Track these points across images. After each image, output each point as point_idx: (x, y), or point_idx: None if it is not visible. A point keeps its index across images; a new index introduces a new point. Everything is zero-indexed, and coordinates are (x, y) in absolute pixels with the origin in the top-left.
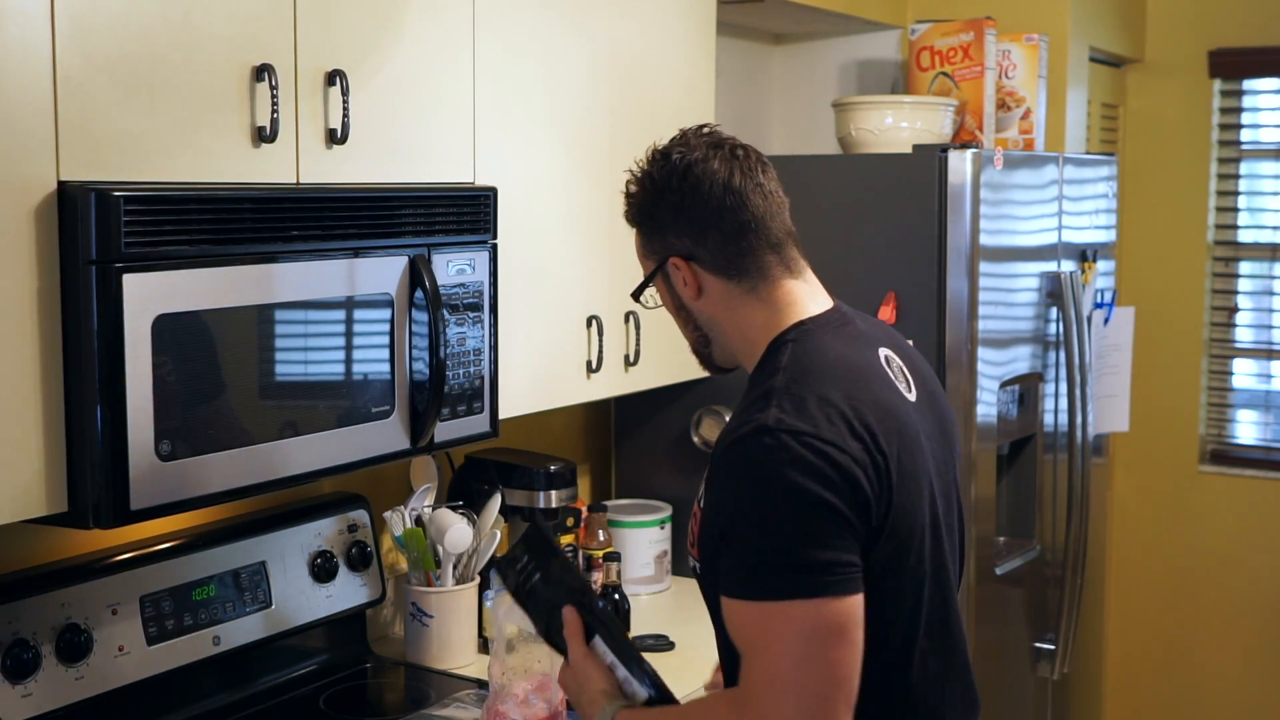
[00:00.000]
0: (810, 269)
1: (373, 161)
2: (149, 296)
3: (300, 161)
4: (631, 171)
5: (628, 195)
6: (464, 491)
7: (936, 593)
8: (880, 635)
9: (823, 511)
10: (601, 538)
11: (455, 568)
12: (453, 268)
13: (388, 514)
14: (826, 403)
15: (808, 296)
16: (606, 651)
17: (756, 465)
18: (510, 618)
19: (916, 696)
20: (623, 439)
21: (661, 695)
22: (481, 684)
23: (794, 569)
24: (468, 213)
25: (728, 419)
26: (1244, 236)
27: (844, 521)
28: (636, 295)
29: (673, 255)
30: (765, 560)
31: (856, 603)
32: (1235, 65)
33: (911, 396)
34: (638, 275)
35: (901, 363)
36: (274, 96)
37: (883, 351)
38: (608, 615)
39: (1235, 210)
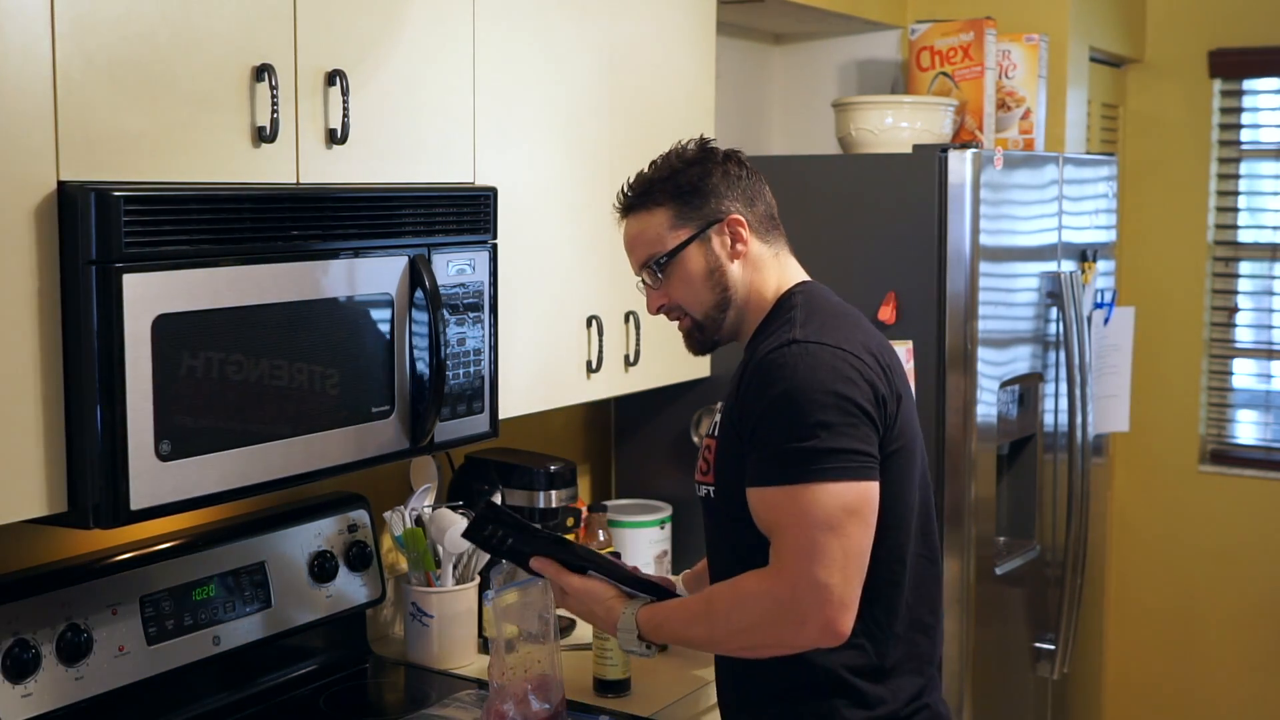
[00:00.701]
0: None
1: (373, 161)
2: (149, 296)
3: (300, 161)
4: (655, 162)
5: (661, 176)
6: (464, 491)
7: (925, 504)
8: (888, 520)
9: (846, 405)
10: (601, 538)
11: (455, 568)
12: (453, 268)
13: (388, 514)
14: (840, 328)
15: (798, 267)
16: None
17: (786, 368)
18: (508, 617)
19: (907, 588)
20: (623, 439)
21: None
22: (481, 684)
23: (819, 455)
24: (468, 213)
25: None
26: (1244, 236)
27: (865, 415)
28: (672, 256)
29: (730, 216)
30: (794, 449)
31: (873, 488)
32: (1235, 65)
33: None
34: (634, 274)
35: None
36: (274, 96)
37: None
38: (590, 551)
39: (1235, 210)
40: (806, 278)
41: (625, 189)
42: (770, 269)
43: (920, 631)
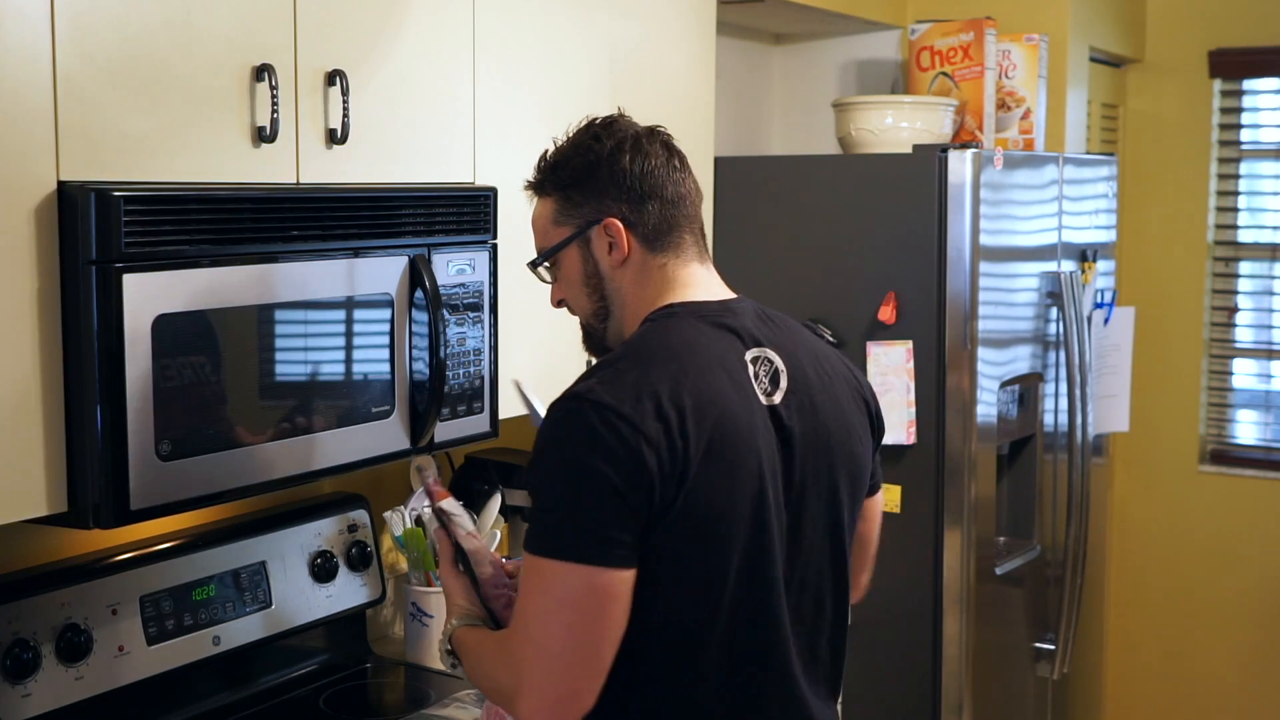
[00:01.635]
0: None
1: (373, 161)
2: (149, 296)
3: (300, 161)
4: (555, 140)
5: (552, 162)
6: (464, 491)
7: (750, 593)
8: (668, 616)
9: (597, 483)
10: None
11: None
12: (453, 268)
13: (388, 514)
14: (643, 382)
15: (704, 283)
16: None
17: (553, 427)
18: None
19: (699, 694)
20: None
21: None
22: None
23: (560, 530)
24: (468, 213)
25: None
26: (1244, 236)
27: (618, 497)
28: (542, 261)
29: (609, 218)
30: (541, 518)
31: (616, 577)
32: (1235, 65)
33: (768, 400)
34: None
35: (782, 366)
36: (274, 96)
37: (752, 351)
38: (461, 549)
39: (1235, 210)
40: (694, 297)
41: (543, 158)
42: (653, 282)
43: None
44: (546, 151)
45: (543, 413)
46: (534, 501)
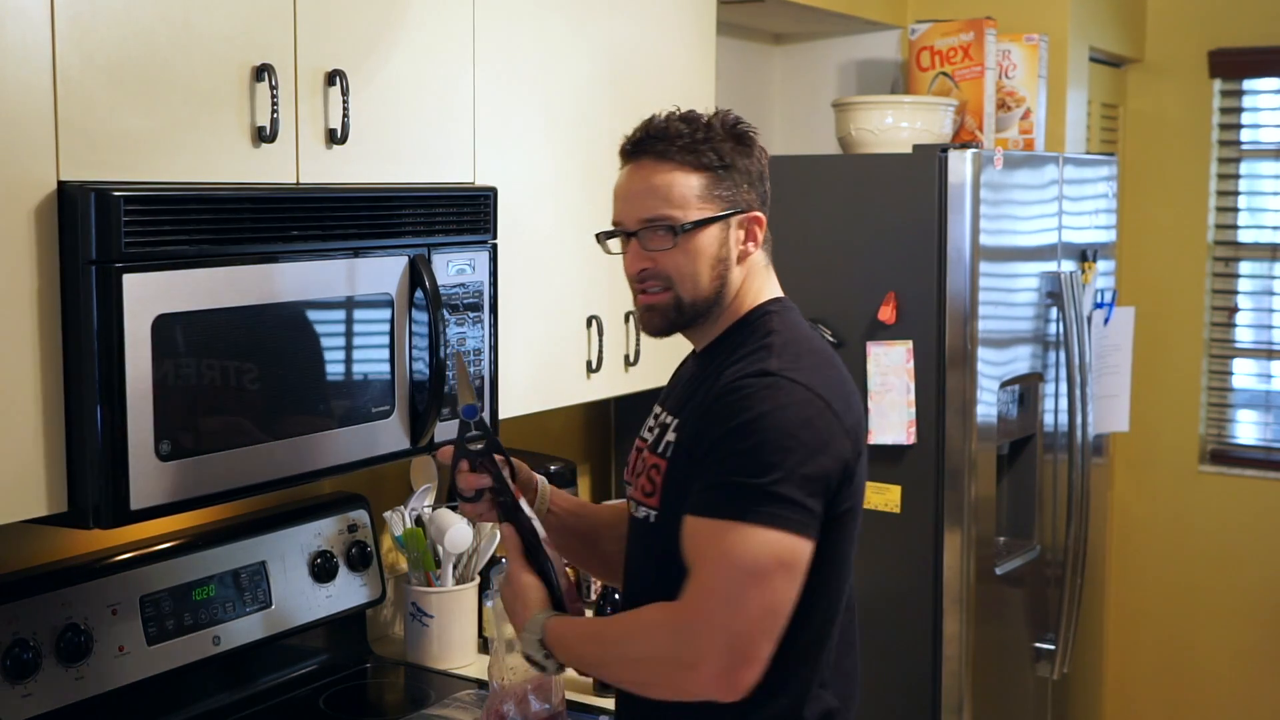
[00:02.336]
0: None
1: (373, 161)
2: (149, 296)
3: (300, 161)
4: (690, 115)
5: (708, 136)
6: None
7: (850, 573)
8: (828, 581)
9: (805, 456)
10: None
11: (455, 568)
12: (453, 268)
13: (388, 514)
14: (819, 367)
15: (776, 283)
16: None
17: (755, 398)
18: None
19: (831, 647)
20: (623, 439)
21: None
22: (481, 684)
23: (765, 498)
24: (468, 213)
25: None
26: (1244, 236)
27: (817, 469)
28: (693, 227)
29: (755, 211)
30: (739, 484)
31: (806, 547)
32: (1235, 65)
33: None
34: None
35: None
36: (274, 96)
37: None
38: (535, 541)
39: (1235, 210)
40: (781, 294)
41: (649, 130)
42: (757, 279)
43: (840, 689)
44: (674, 119)
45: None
46: (727, 467)
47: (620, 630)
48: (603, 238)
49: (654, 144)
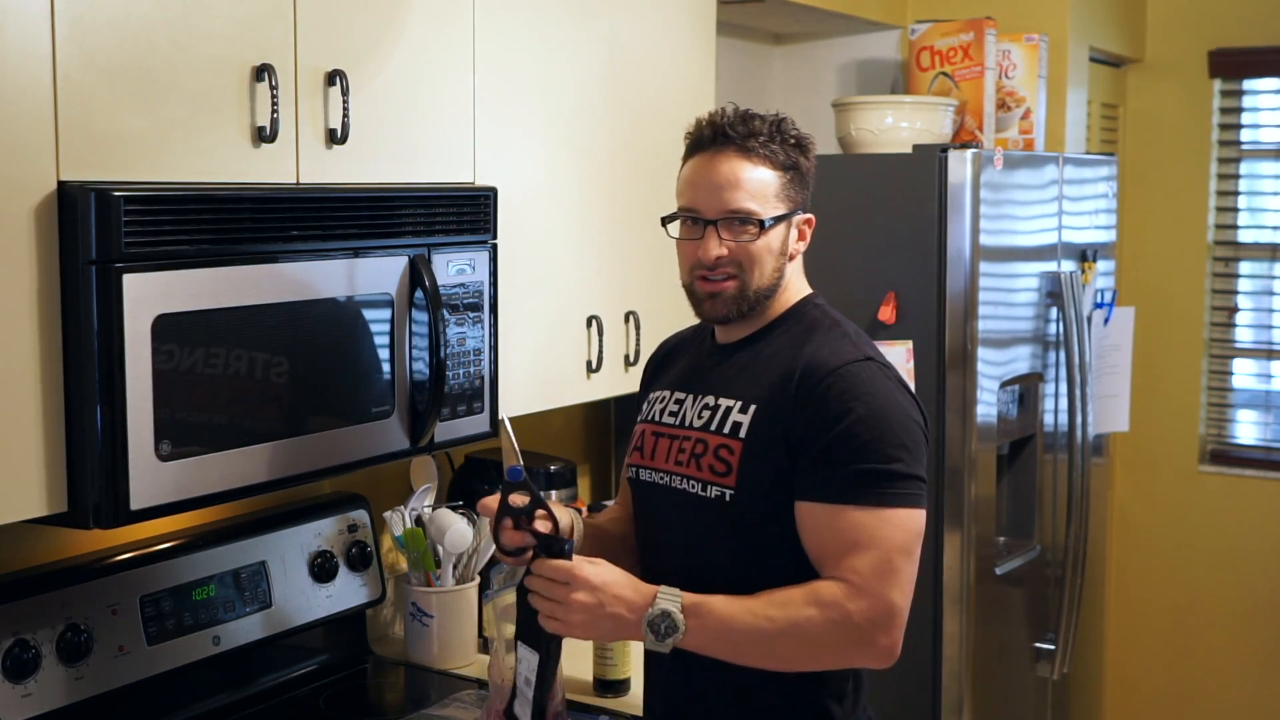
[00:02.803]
0: None
1: (373, 161)
2: (149, 296)
3: (300, 161)
4: (780, 119)
5: (796, 141)
6: (464, 491)
7: None
8: None
9: (918, 434)
10: None
11: (455, 568)
12: (453, 268)
13: (388, 514)
14: (883, 358)
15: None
16: None
17: (869, 384)
18: (508, 617)
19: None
20: (623, 439)
21: None
22: (481, 684)
23: (903, 480)
24: (468, 213)
25: None
26: (1244, 236)
27: (926, 444)
28: (774, 222)
29: (809, 213)
30: (879, 470)
31: (924, 516)
32: (1235, 65)
33: None
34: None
35: None
36: (274, 96)
37: None
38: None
39: (1235, 210)
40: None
41: (729, 122)
42: (798, 275)
43: None
44: (773, 120)
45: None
46: (868, 455)
47: (786, 610)
48: (669, 220)
49: (738, 137)
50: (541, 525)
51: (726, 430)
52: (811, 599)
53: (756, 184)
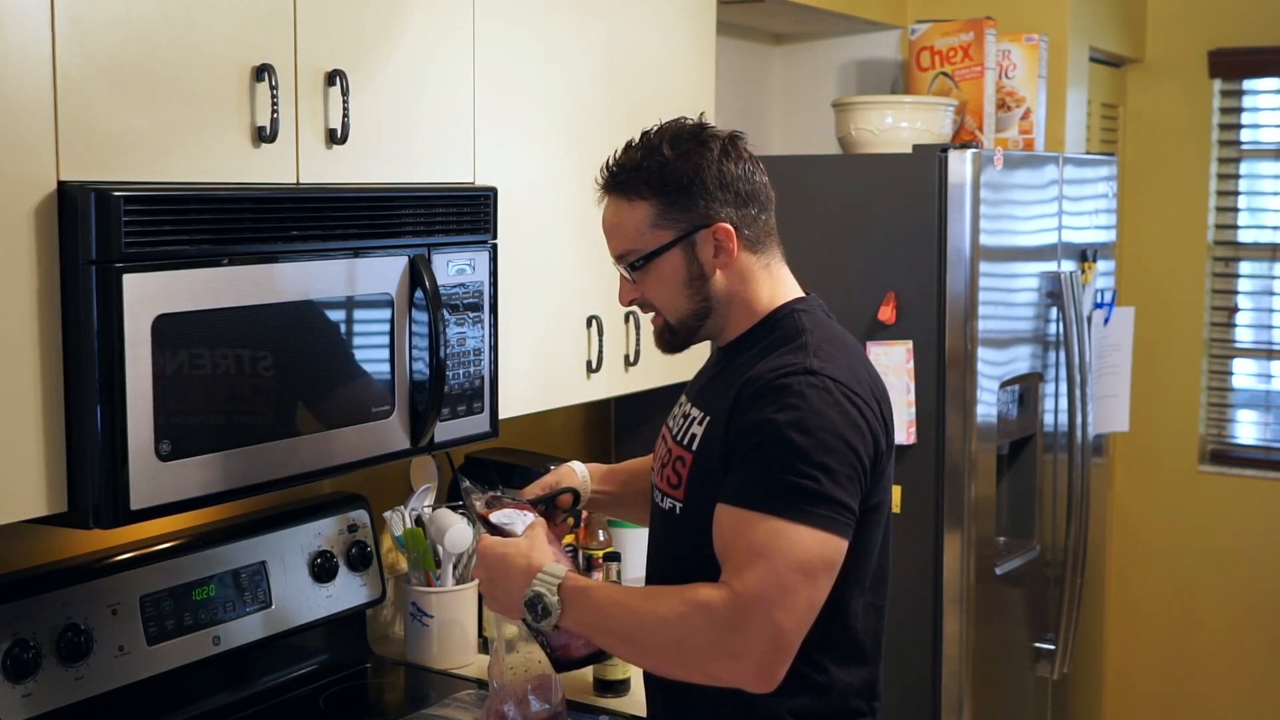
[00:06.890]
0: None
1: (373, 161)
2: (149, 296)
3: (300, 161)
4: (646, 139)
5: (647, 166)
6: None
7: (883, 551)
8: (854, 571)
9: (850, 456)
10: (601, 538)
11: (455, 568)
12: (453, 268)
13: (388, 514)
14: (852, 365)
15: (792, 280)
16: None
17: (801, 397)
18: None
19: (856, 634)
20: (623, 439)
21: None
22: (481, 684)
23: (815, 499)
24: (468, 213)
25: None
26: (1244, 236)
27: (860, 471)
28: (643, 263)
29: (720, 223)
30: (791, 483)
31: (844, 546)
32: (1235, 65)
33: None
34: None
35: None
36: (274, 96)
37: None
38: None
39: (1235, 210)
40: (801, 292)
41: (610, 163)
42: (759, 281)
43: (863, 674)
44: (631, 145)
45: (476, 535)
46: (781, 464)
47: (659, 606)
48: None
49: (612, 178)
50: (495, 515)
51: (685, 441)
52: (687, 598)
53: (630, 223)
